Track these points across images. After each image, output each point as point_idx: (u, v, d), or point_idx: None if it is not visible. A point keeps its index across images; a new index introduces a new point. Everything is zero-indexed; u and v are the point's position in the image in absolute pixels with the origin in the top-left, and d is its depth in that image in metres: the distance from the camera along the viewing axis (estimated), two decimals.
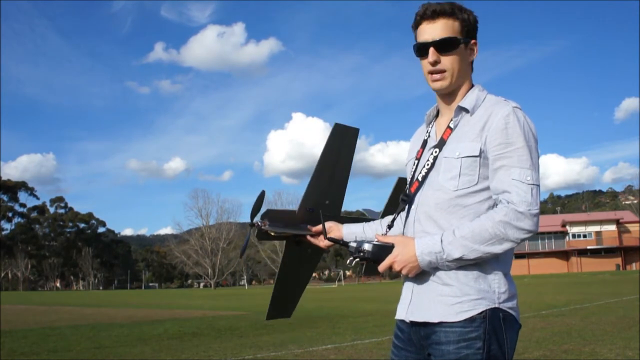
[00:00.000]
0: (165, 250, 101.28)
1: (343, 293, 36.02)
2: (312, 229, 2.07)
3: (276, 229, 2.05)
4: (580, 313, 12.60)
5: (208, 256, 76.75)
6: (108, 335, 11.08)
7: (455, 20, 1.79)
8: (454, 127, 1.82)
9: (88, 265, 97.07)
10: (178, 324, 13.41)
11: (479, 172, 1.71)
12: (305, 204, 2.13)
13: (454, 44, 1.78)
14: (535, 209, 1.63)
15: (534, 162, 1.69)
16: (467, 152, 1.72)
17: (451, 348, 1.67)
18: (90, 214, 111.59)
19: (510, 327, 1.71)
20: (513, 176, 1.65)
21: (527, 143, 1.68)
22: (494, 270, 1.70)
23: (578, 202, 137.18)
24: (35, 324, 14.49)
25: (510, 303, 1.72)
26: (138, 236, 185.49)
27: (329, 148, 2.16)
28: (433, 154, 1.82)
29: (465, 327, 1.66)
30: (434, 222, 1.75)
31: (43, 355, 8.54)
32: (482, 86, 1.88)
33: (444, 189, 1.75)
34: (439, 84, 1.81)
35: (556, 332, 9.11)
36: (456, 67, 1.80)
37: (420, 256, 1.68)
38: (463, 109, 1.80)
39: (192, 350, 8.61)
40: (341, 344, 8.83)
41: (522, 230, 1.63)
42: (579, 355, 6.85)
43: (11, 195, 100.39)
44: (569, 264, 71.40)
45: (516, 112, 1.72)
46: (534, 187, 1.65)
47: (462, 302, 1.68)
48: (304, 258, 2.21)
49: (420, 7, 1.83)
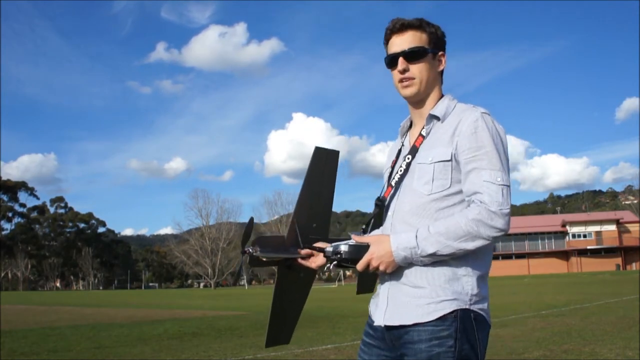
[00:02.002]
0: (165, 250, 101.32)
1: (343, 293, 36.00)
2: (301, 252, 2.11)
3: (267, 254, 2.08)
4: (580, 313, 12.60)
5: (208, 256, 76.78)
6: (108, 335, 11.07)
7: (423, 33, 1.90)
8: (426, 134, 1.90)
9: (88, 265, 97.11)
10: (178, 324, 13.41)
11: (451, 176, 1.79)
12: (293, 228, 2.15)
13: (421, 53, 1.89)
14: (506, 208, 1.69)
15: (504, 164, 1.76)
16: (439, 157, 1.80)
17: (423, 346, 1.72)
18: (91, 214, 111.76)
19: (482, 328, 1.76)
20: (484, 178, 1.72)
21: (496, 146, 1.76)
22: (467, 272, 1.76)
23: (578, 202, 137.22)
24: (35, 324, 14.48)
25: (481, 305, 1.77)
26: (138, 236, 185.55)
27: (312, 172, 2.20)
28: (406, 160, 1.90)
29: (437, 326, 1.71)
30: (409, 225, 1.81)
31: (43, 355, 8.54)
32: (452, 96, 1.96)
33: (418, 194, 1.82)
34: (409, 90, 1.91)
35: (556, 332, 9.11)
36: (424, 75, 1.89)
37: (395, 251, 1.74)
38: (434, 116, 1.89)
39: (192, 350, 8.61)
40: (341, 344, 8.83)
41: (494, 229, 1.68)
42: (579, 355, 6.85)
43: (11, 195, 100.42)
44: (569, 264, 71.41)
45: (484, 117, 1.80)
46: (504, 188, 1.72)
47: (434, 303, 1.73)
48: (297, 282, 2.24)
49: (390, 22, 1.94)
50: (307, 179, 2.19)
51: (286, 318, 2.26)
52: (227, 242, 75.95)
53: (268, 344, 2.24)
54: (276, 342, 2.26)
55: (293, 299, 2.26)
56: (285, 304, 2.22)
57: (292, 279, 2.20)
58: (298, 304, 2.29)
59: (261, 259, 2.08)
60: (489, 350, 1.86)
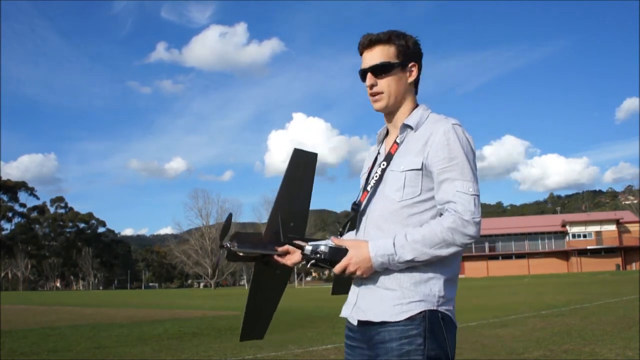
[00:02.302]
0: (165, 250, 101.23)
1: None
2: (278, 249, 2.16)
3: (244, 249, 2.14)
4: (580, 313, 12.60)
5: (208, 256, 76.72)
6: (108, 335, 11.07)
7: (391, 46, 1.96)
8: (400, 142, 1.97)
9: (88, 265, 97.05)
10: (178, 324, 13.41)
11: (421, 184, 1.86)
12: (271, 227, 2.20)
13: (387, 67, 1.95)
14: (477, 217, 1.78)
15: (474, 174, 1.84)
16: (410, 165, 1.88)
17: (394, 345, 1.80)
18: (91, 214, 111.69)
19: (449, 328, 1.85)
20: (457, 188, 1.80)
21: (466, 157, 1.84)
22: (434, 276, 1.84)
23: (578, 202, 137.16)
24: (35, 324, 14.49)
25: (447, 306, 1.86)
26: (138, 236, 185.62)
27: (291, 172, 2.26)
28: (381, 167, 1.97)
29: (407, 326, 1.80)
30: (380, 230, 1.89)
31: (43, 355, 8.54)
32: (426, 105, 2.02)
33: (390, 200, 1.89)
34: (378, 104, 1.99)
35: (556, 332, 9.11)
36: (392, 88, 1.96)
37: (374, 258, 1.81)
38: (408, 126, 1.96)
39: (192, 350, 8.61)
40: (341, 344, 8.78)
41: (467, 236, 1.77)
42: (579, 355, 6.85)
43: (11, 195, 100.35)
44: (569, 264, 71.37)
45: (456, 129, 1.87)
46: (476, 197, 1.80)
47: (402, 304, 1.81)
48: (273, 278, 2.28)
49: (361, 38, 2.01)
50: (285, 179, 2.26)
51: (261, 314, 2.31)
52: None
53: (242, 338, 2.29)
54: (250, 336, 2.31)
55: (269, 295, 2.31)
56: (260, 300, 2.28)
57: (269, 276, 2.26)
58: (273, 300, 2.35)
59: (238, 254, 2.14)
60: (489, 350, 1.87)
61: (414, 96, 2.03)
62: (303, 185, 2.32)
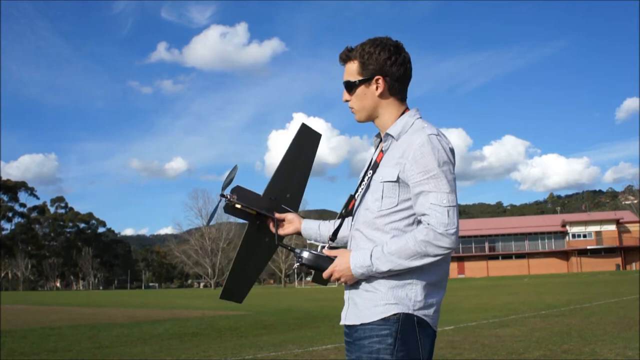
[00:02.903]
0: (165, 250, 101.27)
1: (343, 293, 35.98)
2: (275, 214, 2.27)
3: (243, 203, 2.22)
4: (580, 313, 12.60)
5: (208, 256, 76.74)
6: (108, 335, 11.07)
7: (354, 63, 2.03)
8: (385, 151, 2.04)
9: (88, 265, 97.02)
10: (178, 324, 13.41)
11: (398, 195, 1.93)
12: (270, 192, 2.29)
13: (350, 86, 2.05)
14: (452, 228, 1.84)
15: (450, 184, 1.88)
16: (387, 177, 1.95)
17: (366, 342, 1.90)
18: (91, 214, 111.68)
19: (425, 332, 1.92)
20: (431, 200, 1.86)
21: (440, 169, 1.88)
22: (412, 281, 1.91)
23: (578, 202, 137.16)
24: (35, 324, 14.47)
25: (426, 311, 1.92)
26: (138, 236, 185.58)
27: (294, 145, 2.35)
28: (368, 175, 2.05)
29: (380, 325, 1.89)
30: (364, 236, 2.00)
31: (43, 355, 8.54)
32: (416, 110, 2.06)
33: (370, 209, 1.99)
34: (355, 117, 2.10)
35: (556, 332, 9.11)
36: (360, 104, 2.05)
37: (354, 269, 1.92)
38: (390, 135, 2.01)
39: (192, 350, 8.61)
40: (341, 343, 8.80)
41: (441, 248, 1.84)
42: (579, 355, 6.85)
43: (11, 195, 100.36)
44: (569, 264, 71.37)
45: (431, 140, 1.90)
46: (450, 209, 1.85)
47: (378, 306, 1.91)
48: (261, 245, 2.35)
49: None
50: (288, 151, 2.34)
51: (244, 277, 2.37)
52: (227, 242, 75.91)
53: (222, 296, 2.34)
54: (230, 296, 2.35)
55: (254, 260, 2.37)
56: (245, 263, 2.33)
57: (258, 242, 2.33)
58: (257, 266, 2.40)
59: (236, 206, 2.21)
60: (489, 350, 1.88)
61: (398, 102, 2.05)
62: (303, 160, 2.40)
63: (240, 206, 2.21)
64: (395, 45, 2.02)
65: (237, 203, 2.20)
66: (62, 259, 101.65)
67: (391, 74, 2.00)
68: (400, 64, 2.01)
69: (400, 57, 2.01)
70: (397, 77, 2.01)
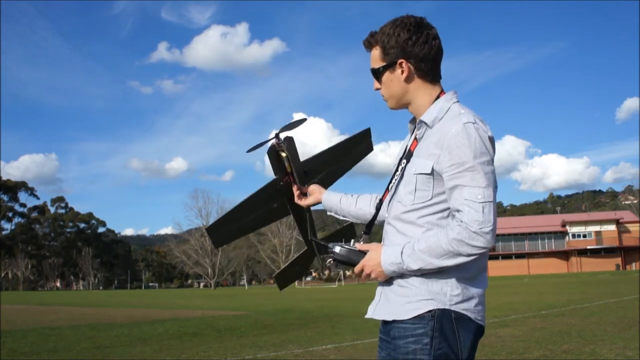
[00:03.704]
0: (165, 250, 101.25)
1: (343, 293, 36.02)
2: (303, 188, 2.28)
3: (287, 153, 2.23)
4: (580, 313, 12.59)
5: (208, 256, 76.76)
6: (108, 335, 11.07)
7: (376, 49, 1.91)
8: (419, 139, 1.92)
9: (88, 265, 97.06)
10: (178, 324, 13.40)
11: (432, 188, 1.82)
12: (305, 165, 2.30)
13: (377, 74, 1.93)
14: (487, 226, 1.71)
15: (487, 178, 1.74)
16: (420, 169, 1.83)
17: (401, 342, 1.80)
18: (91, 214, 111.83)
19: (464, 327, 1.80)
20: (465, 196, 1.73)
21: (476, 161, 1.73)
22: (448, 274, 1.79)
23: (578, 202, 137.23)
24: (35, 324, 14.46)
25: (465, 304, 1.80)
26: (138, 236, 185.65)
27: (350, 141, 2.40)
28: (402, 165, 1.94)
29: (414, 324, 1.78)
30: (396, 230, 1.90)
31: (43, 355, 8.54)
32: (453, 93, 1.92)
33: (403, 202, 1.88)
34: (388, 105, 1.99)
35: (556, 332, 9.11)
36: (388, 91, 1.94)
37: (384, 265, 1.83)
38: (424, 122, 1.88)
39: (192, 350, 8.60)
40: (341, 343, 8.82)
41: (475, 247, 1.71)
42: (579, 355, 6.84)
43: (11, 195, 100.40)
44: (569, 264, 71.39)
45: (467, 129, 1.75)
46: (486, 205, 1.72)
47: (412, 302, 1.80)
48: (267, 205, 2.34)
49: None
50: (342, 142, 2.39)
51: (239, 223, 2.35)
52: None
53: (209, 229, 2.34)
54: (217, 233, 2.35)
55: (256, 213, 2.36)
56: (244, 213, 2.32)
57: (269, 200, 2.33)
58: (252, 222, 2.38)
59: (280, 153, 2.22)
60: (489, 350, 1.88)
61: (429, 85, 1.90)
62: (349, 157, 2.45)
63: (285, 155, 2.18)
64: (416, 22, 1.86)
65: (283, 151, 2.18)
66: (62, 259, 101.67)
67: (414, 55, 1.85)
68: (424, 42, 1.84)
69: (423, 35, 1.85)
70: (422, 57, 1.85)
